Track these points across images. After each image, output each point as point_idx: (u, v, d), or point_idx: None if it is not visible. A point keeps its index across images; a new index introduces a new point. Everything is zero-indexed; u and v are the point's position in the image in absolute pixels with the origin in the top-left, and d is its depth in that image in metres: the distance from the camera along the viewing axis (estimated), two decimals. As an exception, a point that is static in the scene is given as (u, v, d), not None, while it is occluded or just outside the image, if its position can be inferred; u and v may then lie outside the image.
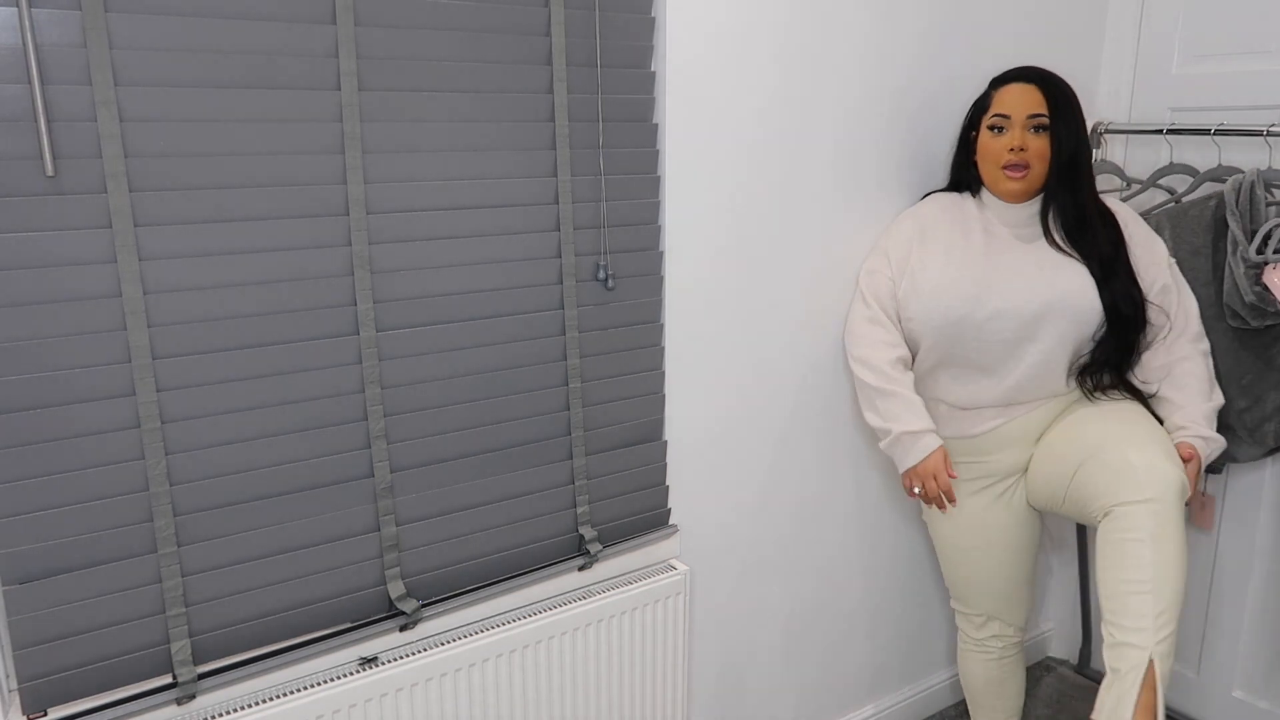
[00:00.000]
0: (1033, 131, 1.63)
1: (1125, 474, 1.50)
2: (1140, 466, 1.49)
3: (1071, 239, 1.66)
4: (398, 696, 1.36)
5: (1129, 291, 1.65)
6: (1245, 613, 2.08)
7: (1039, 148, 1.63)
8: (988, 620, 1.87)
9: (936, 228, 1.72)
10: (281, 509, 1.29)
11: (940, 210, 1.75)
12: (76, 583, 1.16)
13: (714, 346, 1.68)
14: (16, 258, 1.07)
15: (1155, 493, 1.46)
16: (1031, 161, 1.63)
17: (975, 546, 1.80)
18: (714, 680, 1.85)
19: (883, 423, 1.69)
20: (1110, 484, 1.51)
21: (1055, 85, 1.64)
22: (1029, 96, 1.63)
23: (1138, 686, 1.40)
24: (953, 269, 1.66)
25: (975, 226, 1.70)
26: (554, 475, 1.53)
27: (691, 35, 1.52)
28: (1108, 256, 1.65)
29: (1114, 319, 1.64)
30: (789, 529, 1.89)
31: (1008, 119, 1.64)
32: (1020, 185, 1.65)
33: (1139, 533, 1.46)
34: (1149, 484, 1.47)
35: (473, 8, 1.33)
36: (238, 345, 1.22)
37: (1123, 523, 1.48)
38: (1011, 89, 1.65)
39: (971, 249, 1.68)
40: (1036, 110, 1.62)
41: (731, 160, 1.62)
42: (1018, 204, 1.69)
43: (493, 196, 1.39)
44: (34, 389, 1.10)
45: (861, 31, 1.73)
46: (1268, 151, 1.90)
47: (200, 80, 1.15)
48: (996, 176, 1.66)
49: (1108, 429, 1.58)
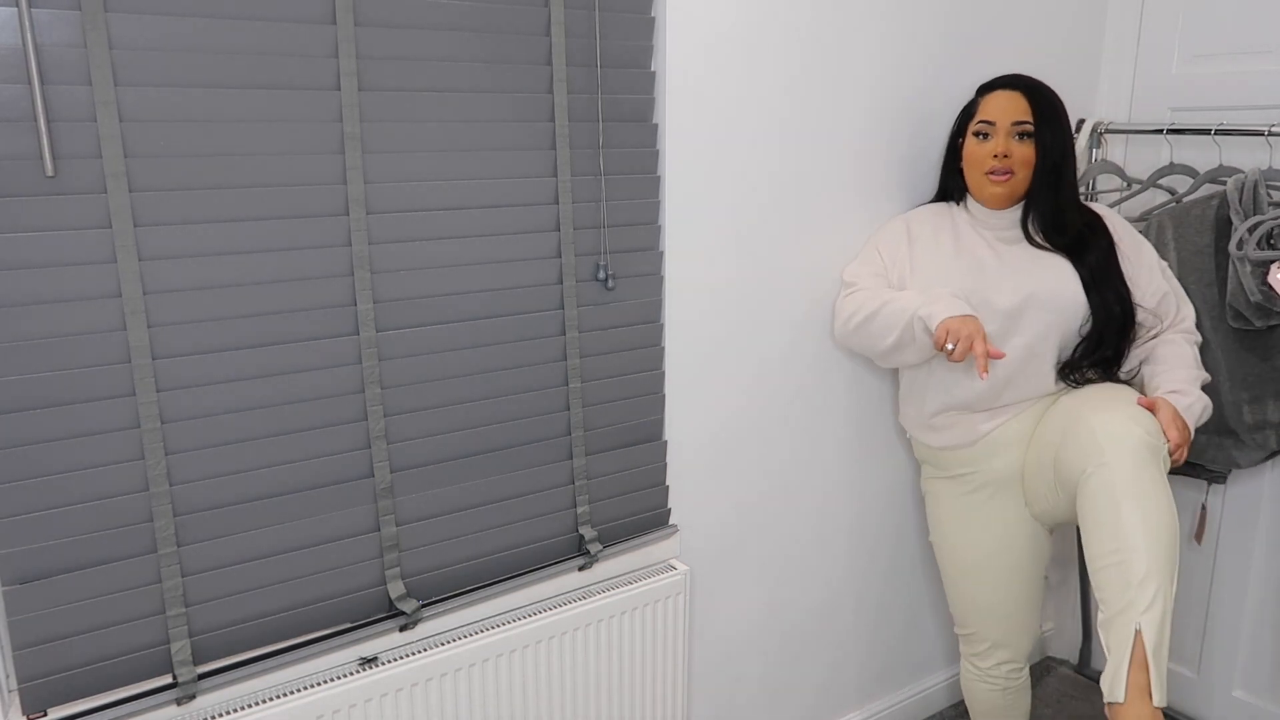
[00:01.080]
0: (1017, 138, 1.64)
1: (1085, 441, 1.46)
2: (1097, 430, 1.44)
3: (1050, 239, 1.68)
4: (398, 696, 1.36)
5: (1119, 291, 1.66)
6: (1245, 613, 2.08)
7: (1023, 154, 1.64)
8: (993, 648, 1.82)
9: (923, 230, 1.75)
10: (281, 509, 1.29)
11: (928, 215, 1.77)
12: (76, 583, 1.16)
13: (714, 346, 1.68)
14: (16, 258, 1.07)
15: (1111, 455, 1.41)
16: (1015, 168, 1.64)
17: (979, 562, 1.77)
18: (714, 680, 1.85)
19: (902, 318, 1.59)
20: (1075, 457, 1.47)
21: (1041, 93, 1.65)
22: (1014, 103, 1.64)
23: (1126, 665, 1.34)
24: (938, 267, 1.68)
25: (960, 231, 1.73)
26: (554, 475, 1.53)
27: (691, 35, 1.52)
28: (1096, 258, 1.66)
29: (1102, 318, 1.64)
30: (789, 529, 1.89)
31: (993, 125, 1.65)
32: (1004, 189, 1.66)
33: (1101, 499, 1.40)
34: (1106, 446, 1.42)
35: (473, 8, 1.33)
36: (238, 345, 1.22)
37: (1085, 493, 1.44)
38: (997, 96, 1.67)
39: (957, 250, 1.69)
40: (1021, 117, 1.63)
41: (731, 160, 1.62)
42: (1001, 209, 1.71)
43: (493, 196, 1.39)
44: (34, 389, 1.10)
45: (862, 31, 1.73)
46: (1269, 151, 1.90)
47: (200, 80, 1.15)
48: (981, 182, 1.68)
49: (1075, 404, 1.55)
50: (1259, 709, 2.09)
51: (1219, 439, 1.85)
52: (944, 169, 1.81)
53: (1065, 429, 1.54)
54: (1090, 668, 2.41)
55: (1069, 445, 1.51)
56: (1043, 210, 1.68)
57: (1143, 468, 1.40)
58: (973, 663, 1.87)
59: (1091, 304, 1.64)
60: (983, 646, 1.83)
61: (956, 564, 1.81)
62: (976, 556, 1.77)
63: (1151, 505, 1.39)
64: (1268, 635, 2.05)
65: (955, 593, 1.84)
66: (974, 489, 1.75)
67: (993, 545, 1.75)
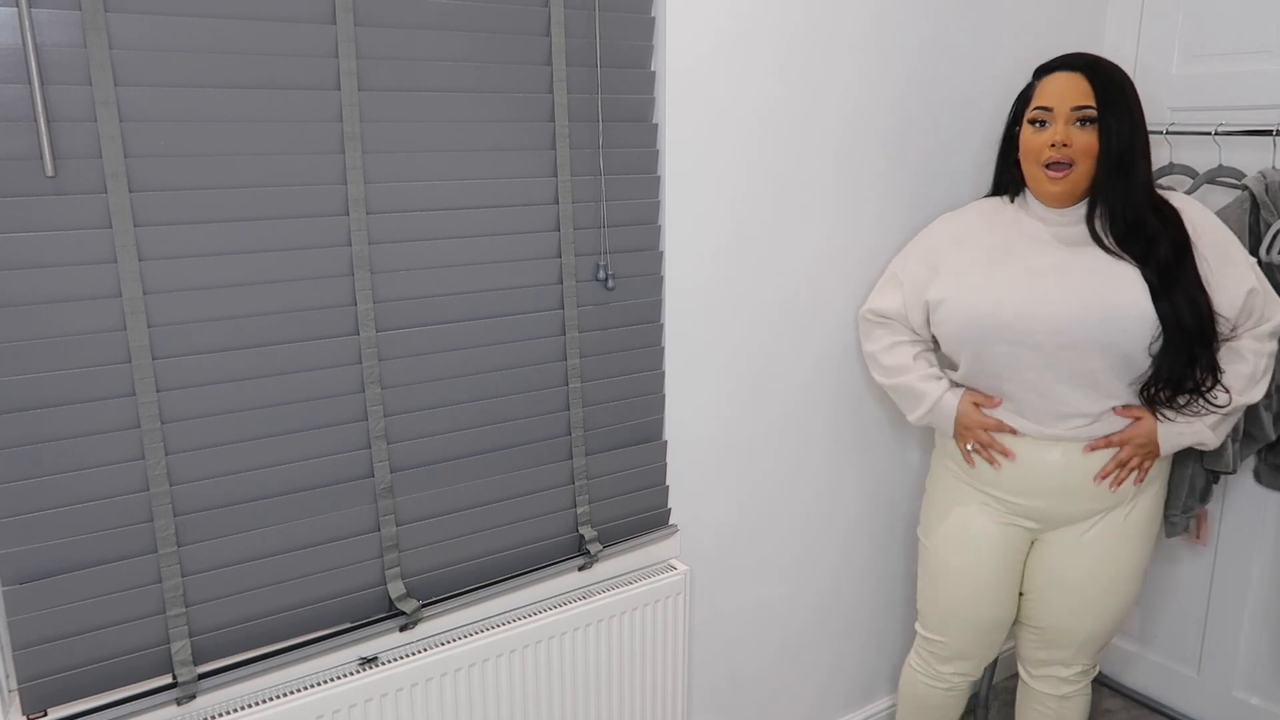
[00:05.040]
0: (1078, 125, 1.47)
1: (1062, 648, 1.71)
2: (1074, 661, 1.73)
3: (1124, 245, 1.48)
4: (398, 696, 1.36)
5: (1193, 299, 1.46)
6: (1245, 613, 2.08)
7: (1085, 143, 1.47)
8: (955, 659, 1.76)
9: (959, 235, 1.63)
10: (281, 509, 1.29)
11: (976, 216, 1.64)
12: (76, 583, 1.16)
13: (714, 346, 1.68)
14: (16, 258, 1.07)
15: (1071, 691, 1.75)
16: (1076, 158, 1.47)
17: (963, 566, 1.68)
18: (714, 680, 1.85)
19: (912, 413, 1.69)
20: (1048, 643, 1.72)
21: (1105, 73, 1.47)
22: (1074, 86, 1.47)
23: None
24: (982, 274, 1.55)
25: (1013, 230, 1.58)
26: (554, 475, 1.53)
27: (691, 35, 1.52)
28: (1168, 261, 1.46)
29: (1174, 331, 1.45)
30: (789, 529, 1.89)
31: (1050, 111, 1.49)
32: (1062, 187, 1.49)
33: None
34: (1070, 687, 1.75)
35: (473, 8, 1.33)
36: (238, 345, 1.22)
37: (1031, 691, 1.80)
38: (1055, 78, 1.50)
39: (1002, 255, 1.56)
40: (1082, 101, 1.46)
41: (732, 160, 1.62)
42: (1062, 207, 1.54)
43: (493, 196, 1.39)
44: (34, 389, 1.10)
45: (862, 31, 1.73)
46: (1271, 151, 1.90)
47: (200, 80, 1.15)
48: (1038, 176, 1.52)
49: (1084, 595, 1.66)
50: (1259, 709, 2.09)
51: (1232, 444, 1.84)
52: (1000, 160, 1.66)
53: (1068, 608, 1.67)
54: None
55: (1050, 628, 1.70)
56: (1111, 206, 1.48)
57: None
58: (929, 664, 1.80)
59: (1160, 314, 1.44)
60: (946, 653, 1.77)
61: (941, 564, 1.72)
62: (963, 560, 1.68)
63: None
64: (1268, 635, 2.05)
65: (931, 593, 1.75)
66: (987, 500, 1.66)
67: (981, 551, 1.67)
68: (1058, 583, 1.66)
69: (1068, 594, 1.65)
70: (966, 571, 1.69)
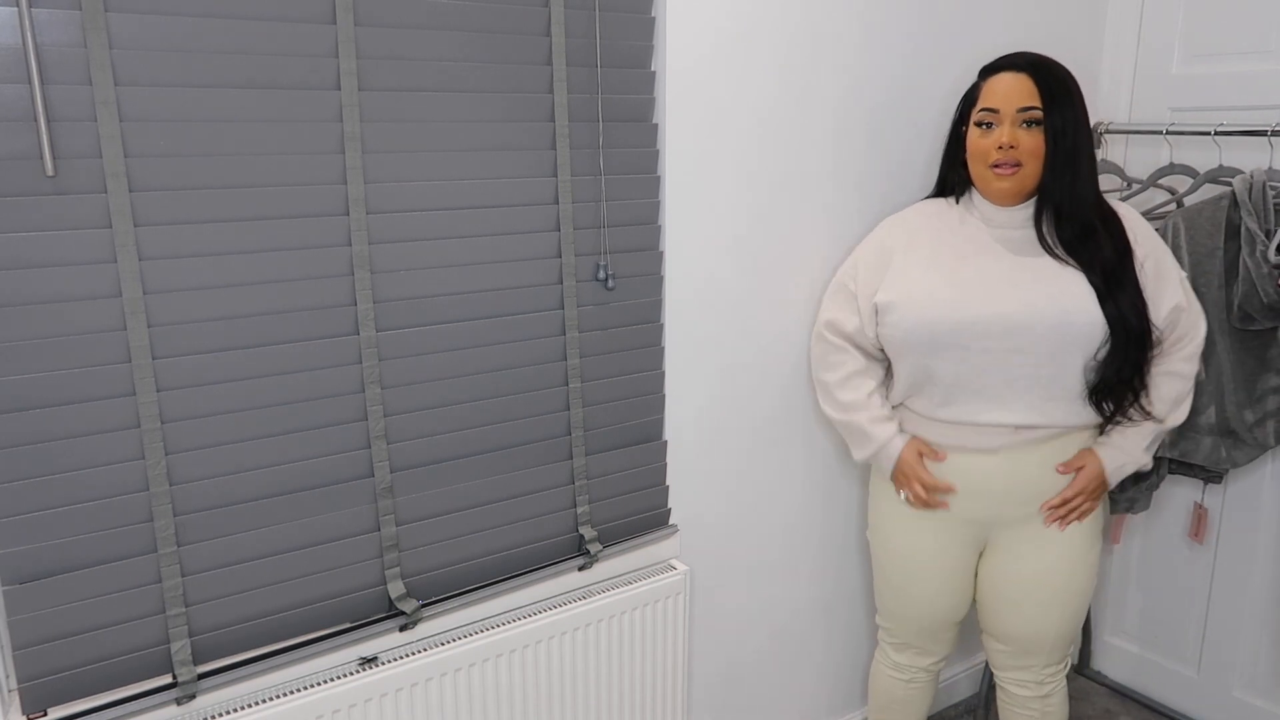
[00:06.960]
0: (1024, 126, 1.47)
1: (1030, 651, 1.69)
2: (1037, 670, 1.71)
3: (1070, 248, 1.50)
4: (398, 696, 1.36)
5: (1135, 303, 1.48)
6: (1245, 613, 2.08)
7: (1031, 144, 1.46)
8: (905, 647, 1.78)
9: (903, 239, 1.60)
10: (281, 509, 1.29)
11: (923, 219, 1.62)
12: (76, 583, 1.16)
13: (714, 346, 1.68)
14: (16, 258, 1.07)
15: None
16: (1023, 159, 1.47)
17: (907, 559, 1.68)
18: (714, 680, 1.85)
19: (858, 452, 1.66)
20: (1010, 648, 1.70)
21: (1050, 73, 1.47)
22: (1020, 86, 1.46)
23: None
24: (930, 276, 1.53)
25: (960, 232, 1.56)
26: (554, 475, 1.53)
27: (691, 35, 1.52)
28: (1110, 264, 1.48)
29: (1120, 333, 1.47)
30: (789, 529, 1.89)
31: (996, 113, 1.48)
32: (1010, 184, 1.49)
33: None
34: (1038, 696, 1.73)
35: (473, 8, 1.33)
36: (238, 345, 1.22)
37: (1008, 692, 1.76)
38: (1001, 79, 1.49)
39: (948, 257, 1.54)
40: (1028, 103, 1.46)
41: (732, 160, 1.62)
42: (1009, 206, 1.54)
43: (493, 196, 1.39)
44: (34, 389, 1.10)
45: (861, 31, 1.73)
46: (1269, 151, 1.90)
47: (200, 80, 1.15)
48: (985, 176, 1.51)
49: (1043, 598, 1.63)
50: (1259, 709, 2.09)
51: (1217, 439, 1.85)
52: (945, 160, 1.64)
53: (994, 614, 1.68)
54: (1090, 668, 2.41)
55: (1013, 631, 1.67)
56: (1061, 210, 1.49)
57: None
58: (887, 654, 1.82)
59: (1107, 316, 1.46)
60: (897, 642, 1.79)
61: (890, 554, 1.71)
62: (913, 554, 1.68)
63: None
64: (1268, 635, 2.05)
65: (883, 584, 1.76)
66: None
67: (931, 549, 1.66)
68: (1014, 591, 1.64)
69: (1025, 601, 1.64)
70: (911, 564, 1.69)
